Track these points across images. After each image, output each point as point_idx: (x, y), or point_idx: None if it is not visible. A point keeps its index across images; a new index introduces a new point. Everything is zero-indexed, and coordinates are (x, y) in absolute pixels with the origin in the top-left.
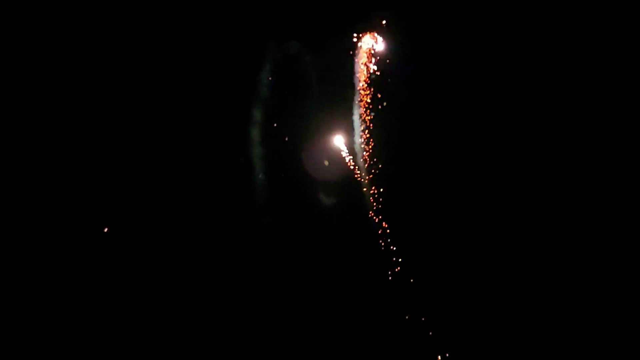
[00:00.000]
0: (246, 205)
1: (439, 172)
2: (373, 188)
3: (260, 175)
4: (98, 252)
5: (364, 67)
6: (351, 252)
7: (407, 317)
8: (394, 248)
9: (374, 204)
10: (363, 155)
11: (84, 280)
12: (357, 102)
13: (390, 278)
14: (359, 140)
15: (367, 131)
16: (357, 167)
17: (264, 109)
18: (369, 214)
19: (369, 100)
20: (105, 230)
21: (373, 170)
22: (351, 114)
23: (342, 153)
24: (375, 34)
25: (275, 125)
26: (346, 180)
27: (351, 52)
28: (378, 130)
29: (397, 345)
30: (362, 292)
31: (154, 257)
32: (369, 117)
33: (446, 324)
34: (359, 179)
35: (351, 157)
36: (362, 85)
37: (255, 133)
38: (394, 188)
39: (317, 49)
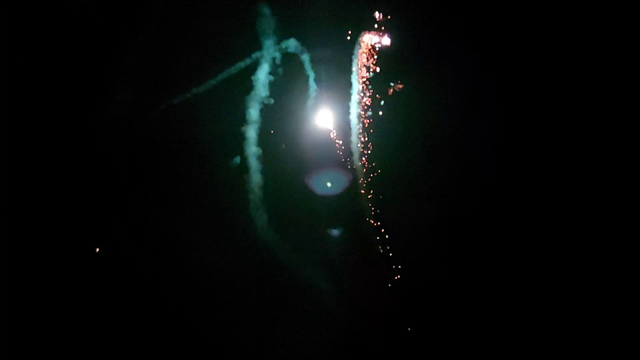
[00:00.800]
0: (244, 206)
1: (438, 174)
2: (371, 191)
3: (256, 175)
4: (97, 252)
5: (363, 67)
6: (348, 255)
7: (408, 329)
8: (392, 253)
9: (372, 206)
10: (361, 158)
11: (83, 280)
12: (356, 102)
13: (388, 283)
14: (356, 141)
15: (365, 132)
16: (354, 169)
17: (262, 108)
18: (366, 217)
19: (368, 102)
20: (104, 230)
21: (371, 174)
22: (350, 115)
23: (339, 154)
24: (375, 34)
25: (273, 125)
26: (343, 182)
27: (351, 52)
28: (376, 131)
29: (396, 349)
30: (360, 295)
31: (152, 257)
32: (368, 120)
33: (444, 327)
34: (357, 180)
35: (349, 158)
36: (362, 86)
37: (253, 133)
38: (392, 190)
39: (316, 48)
